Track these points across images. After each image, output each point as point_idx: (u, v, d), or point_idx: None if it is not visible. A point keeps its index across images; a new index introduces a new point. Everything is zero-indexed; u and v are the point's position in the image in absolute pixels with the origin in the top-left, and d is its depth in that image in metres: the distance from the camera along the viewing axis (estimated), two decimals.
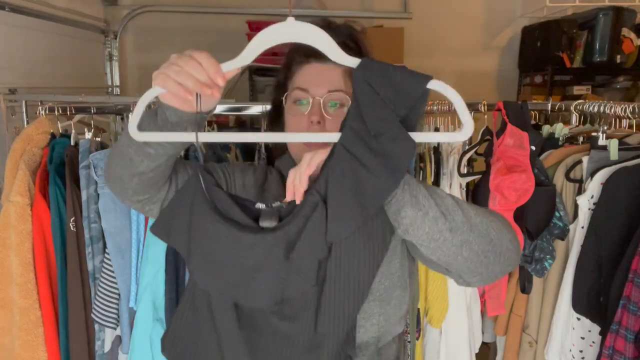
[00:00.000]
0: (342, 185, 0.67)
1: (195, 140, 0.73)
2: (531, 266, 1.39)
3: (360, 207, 0.67)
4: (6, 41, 1.81)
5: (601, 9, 2.76)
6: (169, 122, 0.76)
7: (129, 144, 0.78)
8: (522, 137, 1.34)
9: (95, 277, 1.37)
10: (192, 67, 0.69)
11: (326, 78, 0.90)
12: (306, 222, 0.70)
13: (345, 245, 0.71)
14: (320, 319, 0.74)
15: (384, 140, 0.67)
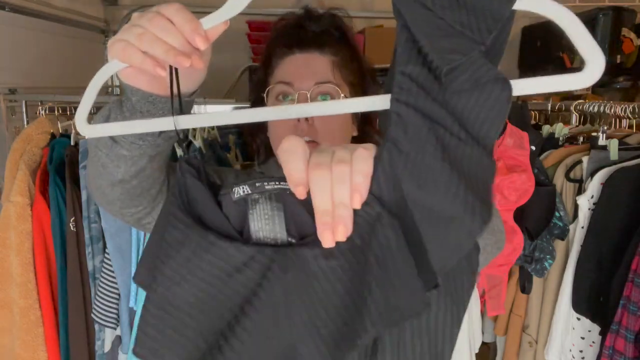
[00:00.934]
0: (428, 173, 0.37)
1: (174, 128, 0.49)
2: (531, 266, 1.39)
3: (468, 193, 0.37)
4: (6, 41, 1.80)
5: (601, 9, 2.75)
6: (138, 112, 0.56)
7: (97, 145, 0.60)
8: (522, 137, 1.34)
9: (95, 277, 1.36)
10: (159, 27, 0.47)
11: (312, 69, 0.80)
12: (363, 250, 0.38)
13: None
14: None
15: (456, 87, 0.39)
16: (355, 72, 0.85)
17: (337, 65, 0.82)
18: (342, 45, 0.84)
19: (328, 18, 0.86)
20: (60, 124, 1.45)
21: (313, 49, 0.81)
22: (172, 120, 0.49)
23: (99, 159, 0.62)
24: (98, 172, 0.63)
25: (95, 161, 0.63)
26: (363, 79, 0.87)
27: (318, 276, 0.39)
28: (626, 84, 3.00)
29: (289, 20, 0.87)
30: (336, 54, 0.82)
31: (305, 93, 0.79)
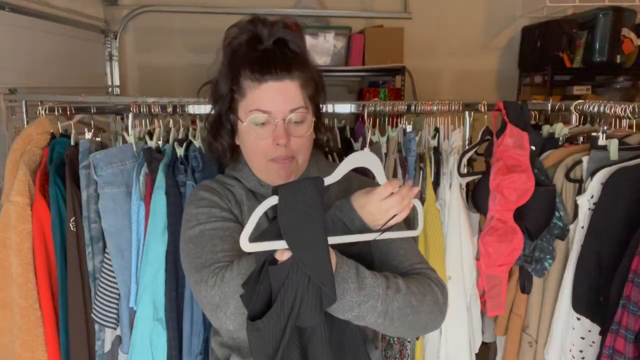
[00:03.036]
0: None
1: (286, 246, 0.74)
2: (531, 266, 1.39)
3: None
4: (6, 41, 1.81)
5: (601, 9, 2.76)
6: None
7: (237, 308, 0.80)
8: (522, 137, 1.34)
9: (95, 277, 1.36)
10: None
11: (286, 97, 0.89)
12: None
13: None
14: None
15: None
16: (312, 85, 0.94)
17: (304, 87, 0.91)
18: (303, 63, 0.92)
19: (281, 28, 0.91)
20: (60, 124, 1.45)
21: (284, 75, 0.89)
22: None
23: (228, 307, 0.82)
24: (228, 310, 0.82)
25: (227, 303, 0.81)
26: (317, 88, 0.96)
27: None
28: (626, 84, 3.00)
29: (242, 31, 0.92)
30: (301, 75, 0.91)
31: (282, 121, 0.89)
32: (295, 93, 0.90)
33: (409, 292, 0.82)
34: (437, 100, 1.51)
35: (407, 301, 0.81)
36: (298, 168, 0.95)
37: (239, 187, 0.99)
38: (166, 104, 1.43)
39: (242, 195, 0.98)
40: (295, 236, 0.70)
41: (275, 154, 0.91)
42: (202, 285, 0.82)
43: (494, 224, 1.33)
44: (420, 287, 0.85)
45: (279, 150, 0.90)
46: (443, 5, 3.20)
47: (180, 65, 3.14)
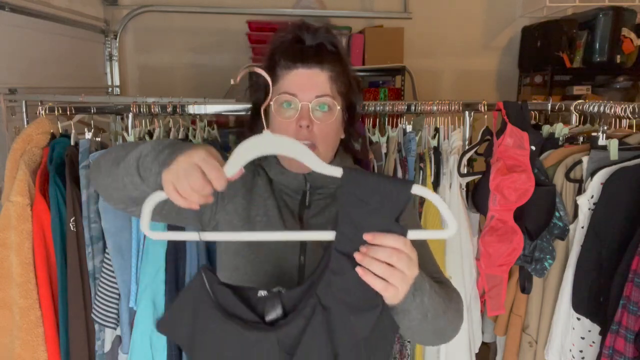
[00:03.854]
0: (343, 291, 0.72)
1: (198, 239, 0.76)
2: (531, 266, 1.39)
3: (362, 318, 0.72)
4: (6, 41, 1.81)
5: (601, 9, 2.76)
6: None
7: (125, 174, 0.79)
8: (522, 137, 1.34)
9: (95, 277, 1.36)
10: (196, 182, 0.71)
11: (313, 83, 0.92)
12: (306, 324, 0.73)
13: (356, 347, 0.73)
14: None
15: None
16: (346, 83, 0.98)
17: (333, 79, 0.94)
18: (337, 60, 0.96)
19: (323, 33, 0.97)
20: (60, 124, 1.45)
21: (314, 65, 0.93)
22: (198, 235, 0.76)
23: (121, 179, 0.81)
24: (115, 186, 0.83)
25: (116, 178, 0.81)
26: (350, 87, 0.99)
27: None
28: (626, 84, 3.00)
29: (287, 33, 0.98)
30: (332, 69, 0.94)
31: (307, 104, 0.92)
32: (323, 81, 0.93)
33: (441, 295, 0.81)
34: (437, 100, 1.51)
35: (440, 303, 0.80)
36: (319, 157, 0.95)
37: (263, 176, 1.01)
38: (166, 104, 1.43)
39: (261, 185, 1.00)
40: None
41: (298, 138, 0.91)
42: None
43: (494, 224, 1.33)
44: (447, 293, 0.85)
45: (301, 133, 0.91)
46: (443, 5, 3.20)
47: (180, 65, 3.14)
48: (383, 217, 0.71)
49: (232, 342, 0.75)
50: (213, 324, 0.76)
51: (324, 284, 0.73)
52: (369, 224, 0.71)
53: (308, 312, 0.73)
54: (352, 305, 0.72)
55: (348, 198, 0.72)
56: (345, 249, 0.72)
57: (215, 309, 0.76)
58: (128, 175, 0.80)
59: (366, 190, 0.71)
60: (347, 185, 0.72)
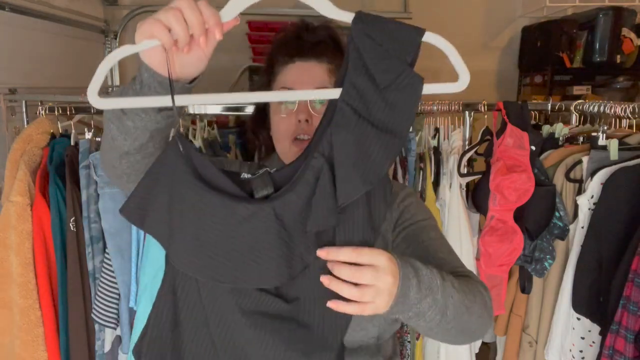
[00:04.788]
0: (349, 146, 0.65)
1: (172, 104, 0.63)
2: (531, 266, 1.39)
3: (371, 166, 0.65)
4: (6, 41, 1.80)
5: (601, 9, 2.75)
6: (146, 87, 0.66)
7: (110, 118, 0.71)
8: (522, 137, 1.34)
9: (95, 277, 1.36)
10: (190, 11, 0.61)
11: (311, 76, 0.91)
12: (312, 188, 0.65)
13: (351, 211, 0.68)
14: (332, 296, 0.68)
15: (391, 91, 0.65)
16: None
17: (333, 72, 0.92)
18: (336, 53, 0.94)
19: (323, 29, 0.96)
20: (60, 124, 1.45)
21: (312, 58, 0.92)
22: (168, 99, 0.63)
23: (110, 131, 0.72)
24: (109, 146, 0.74)
25: (107, 135, 0.74)
26: None
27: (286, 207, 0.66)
28: (626, 84, 3.00)
29: (287, 32, 0.98)
30: (331, 62, 0.93)
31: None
32: (321, 74, 0.91)
33: (461, 290, 0.75)
34: (437, 100, 1.51)
35: (461, 298, 0.74)
36: None
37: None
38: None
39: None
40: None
41: (296, 132, 0.91)
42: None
43: (494, 224, 1.33)
44: (470, 287, 0.77)
45: (300, 128, 0.90)
46: (443, 6, 3.19)
47: None
48: (399, 59, 0.65)
49: (220, 219, 0.65)
50: (195, 197, 0.65)
51: (326, 141, 0.66)
52: (382, 68, 0.65)
53: (310, 177, 0.65)
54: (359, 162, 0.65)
55: (359, 40, 0.65)
56: (353, 102, 0.66)
57: (197, 180, 0.65)
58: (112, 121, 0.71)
59: (379, 30, 0.65)
60: (359, 25, 0.66)
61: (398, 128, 0.66)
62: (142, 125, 0.69)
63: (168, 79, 0.64)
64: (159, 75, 0.65)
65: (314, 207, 0.65)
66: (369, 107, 0.65)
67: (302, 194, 0.65)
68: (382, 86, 0.65)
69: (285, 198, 0.65)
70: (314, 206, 0.65)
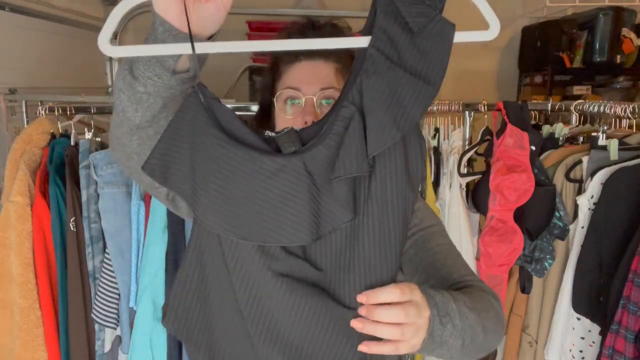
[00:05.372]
0: (381, 91, 0.61)
1: (192, 52, 0.59)
2: (531, 266, 1.38)
3: (404, 112, 0.62)
4: (6, 41, 1.80)
5: (601, 9, 2.75)
6: (160, 42, 0.62)
7: (121, 88, 0.67)
8: (522, 137, 1.33)
9: (95, 277, 1.36)
10: None
11: (317, 76, 0.89)
12: (341, 138, 0.61)
13: (388, 162, 0.64)
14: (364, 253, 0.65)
15: (423, 38, 0.62)
16: None
17: (340, 72, 0.90)
18: (343, 53, 0.92)
19: (329, 28, 0.93)
20: (60, 124, 1.45)
21: (318, 57, 0.89)
22: (189, 47, 0.58)
23: (120, 103, 0.67)
24: (119, 120, 0.69)
25: (117, 108, 0.68)
26: None
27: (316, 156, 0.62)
28: (626, 84, 3.00)
29: (292, 30, 0.95)
30: (338, 61, 0.91)
31: (311, 98, 0.87)
32: (328, 74, 0.89)
33: (474, 308, 0.70)
34: (437, 100, 1.50)
35: (476, 318, 0.69)
36: None
37: None
38: None
39: None
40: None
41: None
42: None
43: (494, 224, 1.33)
44: (482, 304, 0.72)
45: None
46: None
47: None
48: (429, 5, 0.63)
49: (247, 173, 0.61)
50: (219, 151, 0.61)
51: (356, 89, 0.63)
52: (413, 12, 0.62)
53: (340, 127, 0.62)
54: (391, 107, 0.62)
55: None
56: (384, 47, 0.62)
57: (220, 132, 0.61)
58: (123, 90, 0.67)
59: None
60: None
61: (431, 76, 0.62)
62: (155, 90, 0.64)
63: (186, 32, 0.60)
64: (175, 29, 0.60)
65: (342, 153, 0.61)
66: (401, 53, 0.62)
67: (332, 146, 0.62)
68: (414, 30, 0.62)
69: (315, 151, 0.62)
70: (342, 153, 0.61)
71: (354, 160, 0.61)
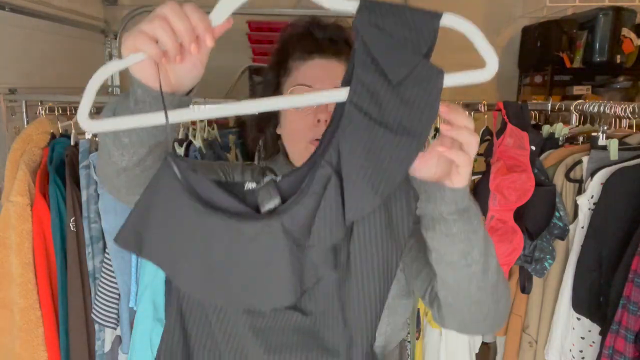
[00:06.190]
0: (358, 155, 0.57)
1: (165, 122, 0.57)
2: (531, 266, 1.38)
3: (383, 176, 0.58)
4: (6, 41, 1.80)
5: (601, 9, 2.76)
6: (141, 103, 0.61)
7: (106, 134, 0.66)
8: (522, 137, 1.33)
9: (95, 277, 1.37)
10: (176, 18, 0.55)
11: (330, 74, 0.86)
12: (319, 200, 0.59)
13: (368, 223, 0.61)
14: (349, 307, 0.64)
15: (407, 86, 0.57)
16: None
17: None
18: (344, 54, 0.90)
19: (336, 29, 0.92)
20: (60, 124, 1.45)
21: (331, 56, 0.88)
22: (163, 115, 0.57)
23: (106, 145, 0.67)
24: (105, 161, 0.69)
25: (103, 149, 0.68)
26: None
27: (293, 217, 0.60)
28: (626, 84, 3.00)
29: (297, 28, 0.93)
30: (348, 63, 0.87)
31: None
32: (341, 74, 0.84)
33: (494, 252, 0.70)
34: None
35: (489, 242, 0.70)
36: None
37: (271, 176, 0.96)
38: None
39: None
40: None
41: (315, 133, 0.85)
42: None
43: (494, 224, 1.33)
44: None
45: (319, 129, 0.84)
46: (443, 5, 3.17)
47: None
48: (412, 50, 0.58)
49: (227, 240, 0.60)
50: (197, 221, 0.60)
51: (333, 149, 0.59)
52: (394, 61, 0.57)
53: (318, 187, 0.59)
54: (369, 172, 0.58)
55: (366, 31, 0.58)
56: (363, 103, 0.58)
57: (196, 203, 0.60)
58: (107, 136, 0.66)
59: (388, 18, 0.57)
60: (365, 14, 0.58)
61: (416, 126, 0.58)
62: (139, 140, 0.64)
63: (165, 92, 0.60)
64: (153, 89, 0.60)
65: (318, 220, 0.59)
66: (382, 106, 0.57)
67: (311, 206, 0.60)
68: (395, 81, 0.57)
69: (293, 211, 0.60)
70: (318, 219, 0.59)
71: (329, 230, 0.60)
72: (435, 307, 0.77)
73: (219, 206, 0.60)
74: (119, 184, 0.72)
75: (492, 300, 0.71)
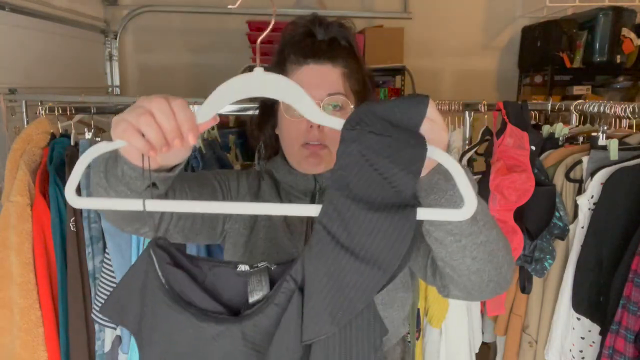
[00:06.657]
0: (321, 277, 0.57)
1: (143, 208, 0.61)
2: (531, 266, 1.38)
3: (343, 303, 0.57)
4: (6, 41, 1.81)
5: (601, 9, 2.76)
6: (127, 177, 0.66)
7: (98, 183, 0.70)
8: (522, 137, 1.33)
9: (95, 277, 1.37)
10: (163, 116, 0.58)
11: (325, 80, 0.87)
12: (281, 313, 0.60)
13: (326, 346, 0.60)
14: None
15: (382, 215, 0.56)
16: (360, 81, 0.92)
17: (347, 76, 0.89)
18: (350, 56, 0.91)
19: (336, 27, 0.92)
20: (60, 124, 1.45)
21: (326, 61, 0.88)
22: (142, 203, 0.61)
23: (99, 193, 0.71)
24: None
25: (97, 194, 0.72)
26: (365, 86, 0.94)
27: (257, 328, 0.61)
28: (626, 84, 3.00)
29: (298, 27, 0.93)
30: (346, 65, 0.89)
31: (318, 102, 0.85)
32: (335, 79, 0.88)
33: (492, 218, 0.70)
34: (437, 101, 1.50)
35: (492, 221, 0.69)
36: (330, 158, 0.89)
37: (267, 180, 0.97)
38: None
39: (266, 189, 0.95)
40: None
41: (308, 138, 0.87)
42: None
43: None
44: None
45: (312, 134, 0.86)
46: (443, 5, 3.20)
47: (180, 65, 3.14)
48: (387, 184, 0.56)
49: (186, 336, 0.63)
50: (163, 313, 0.63)
51: (300, 265, 0.60)
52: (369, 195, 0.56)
53: (282, 300, 0.60)
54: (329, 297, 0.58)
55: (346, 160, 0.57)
56: (332, 226, 0.57)
57: (165, 297, 0.63)
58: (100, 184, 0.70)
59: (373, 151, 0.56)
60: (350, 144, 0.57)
61: (383, 259, 0.56)
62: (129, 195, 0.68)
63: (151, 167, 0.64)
64: (138, 168, 0.63)
65: (277, 336, 0.60)
66: (351, 233, 0.56)
67: (273, 317, 0.60)
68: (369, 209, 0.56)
69: (256, 319, 0.61)
70: (277, 335, 0.60)
71: (285, 349, 0.60)
72: (437, 279, 0.77)
73: (191, 302, 0.63)
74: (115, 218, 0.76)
75: (491, 268, 0.71)
